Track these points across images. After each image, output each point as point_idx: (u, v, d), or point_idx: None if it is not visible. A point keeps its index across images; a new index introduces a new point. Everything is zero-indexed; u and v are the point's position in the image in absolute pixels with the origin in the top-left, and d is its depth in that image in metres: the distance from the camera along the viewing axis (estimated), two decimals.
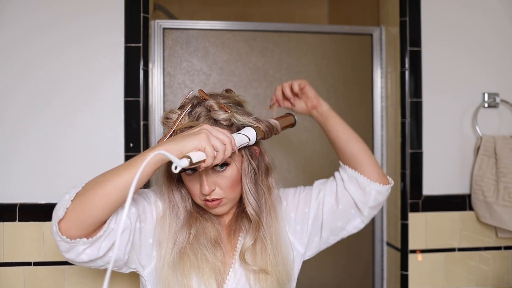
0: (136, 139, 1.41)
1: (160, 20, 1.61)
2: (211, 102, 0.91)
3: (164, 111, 1.59)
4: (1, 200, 1.37)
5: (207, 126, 0.81)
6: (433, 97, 1.55)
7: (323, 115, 1.09)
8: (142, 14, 1.43)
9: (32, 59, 1.39)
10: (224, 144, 0.80)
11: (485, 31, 1.58)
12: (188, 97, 0.97)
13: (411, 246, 1.53)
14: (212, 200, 0.93)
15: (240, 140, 0.88)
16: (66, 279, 1.38)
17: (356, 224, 1.08)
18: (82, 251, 0.82)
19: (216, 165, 0.89)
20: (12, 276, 1.36)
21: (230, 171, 0.92)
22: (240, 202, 1.01)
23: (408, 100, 1.53)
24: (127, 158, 1.41)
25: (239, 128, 0.94)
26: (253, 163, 0.96)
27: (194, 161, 0.75)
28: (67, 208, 0.78)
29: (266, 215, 0.98)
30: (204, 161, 0.78)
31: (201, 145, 0.77)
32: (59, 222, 0.78)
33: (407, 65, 1.53)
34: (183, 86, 1.62)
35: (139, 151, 1.41)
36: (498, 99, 1.57)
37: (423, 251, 1.54)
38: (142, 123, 1.42)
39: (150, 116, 1.51)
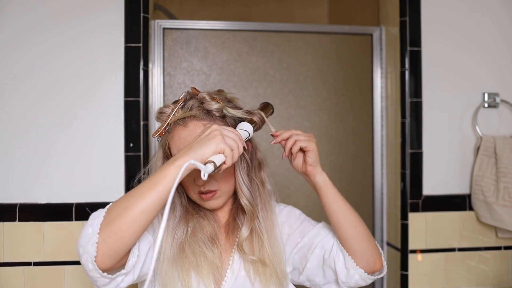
0: (136, 139, 1.41)
1: (160, 20, 1.61)
2: (203, 94, 0.94)
3: None
4: (1, 200, 1.37)
5: (216, 127, 0.81)
6: (433, 97, 1.55)
7: (316, 186, 0.98)
8: (142, 14, 1.43)
9: (32, 59, 1.39)
10: (237, 142, 0.81)
11: (485, 31, 1.58)
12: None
13: (411, 246, 1.53)
14: (207, 192, 0.94)
15: (243, 135, 0.89)
16: (66, 279, 1.38)
17: None
18: (121, 281, 0.83)
19: None
20: (12, 276, 1.36)
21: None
22: (235, 199, 1.02)
23: (408, 100, 1.53)
24: (127, 158, 1.41)
25: (232, 122, 0.95)
26: (245, 155, 0.97)
27: (217, 164, 0.76)
28: (96, 243, 0.76)
29: (261, 209, 0.98)
30: (225, 162, 0.79)
31: (220, 148, 0.77)
32: (94, 260, 0.76)
33: (407, 65, 1.53)
34: (183, 86, 1.62)
35: (139, 151, 1.41)
36: (498, 99, 1.57)
37: (423, 251, 1.54)
38: (142, 123, 1.42)
39: (150, 116, 1.51)
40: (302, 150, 0.97)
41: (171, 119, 0.92)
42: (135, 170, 1.41)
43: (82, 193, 1.40)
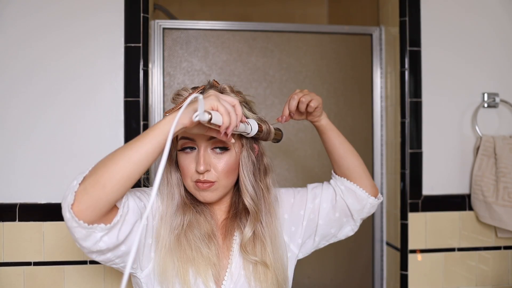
0: None
1: (160, 20, 1.61)
2: (224, 85, 0.95)
3: (164, 111, 1.60)
4: (1, 200, 1.37)
5: (214, 91, 0.81)
6: (432, 97, 1.55)
7: (320, 128, 1.09)
8: (142, 14, 1.43)
9: (32, 59, 1.40)
10: (233, 106, 0.81)
11: (485, 31, 1.58)
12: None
13: (410, 246, 1.53)
14: (204, 182, 0.92)
15: (243, 126, 0.89)
16: (66, 279, 1.38)
17: (346, 232, 1.11)
18: (100, 239, 0.79)
19: (216, 147, 0.92)
20: (12, 276, 1.36)
21: (229, 156, 0.93)
22: (234, 199, 1.01)
23: (407, 100, 1.53)
24: None
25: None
26: (252, 154, 0.97)
27: (213, 119, 0.76)
28: (75, 192, 0.75)
29: (265, 214, 0.98)
30: (220, 126, 0.79)
31: (213, 104, 0.77)
32: (71, 208, 0.75)
33: (406, 65, 1.53)
34: (183, 86, 1.62)
35: None
36: (497, 99, 1.57)
37: (422, 251, 1.54)
38: (142, 123, 1.42)
39: (150, 116, 1.51)
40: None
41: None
42: None
43: None
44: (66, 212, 0.76)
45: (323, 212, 1.06)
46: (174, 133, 0.75)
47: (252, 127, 0.93)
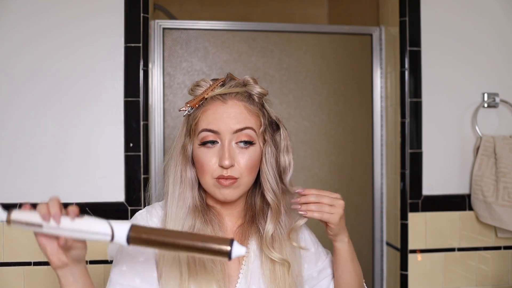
0: (136, 139, 1.42)
1: (160, 20, 1.61)
2: (247, 77, 0.90)
3: (164, 111, 1.60)
4: (1, 200, 1.37)
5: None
6: (432, 97, 1.55)
7: (335, 248, 0.96)
8: (142, 14, 1.43)
9: (31, 58, 1.39)
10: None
11: (485, 31, 1.58)
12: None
13: (410, 246, 1.53)
14: (228, 178, 0.84)
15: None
16: None
17: None
18: None
19: (241, 141, 0.86)
20: (12, 276, 1.36)
21: (253, 151, 0.87)
22: (251, 202, 0.94)
23: (408, 100, 1.53)
24: (127, 158, 1.41)
25: (267, 115, 0.91)
26: (275, 150, 0.91)
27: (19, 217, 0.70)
28: None
29: (284, 215, 0.92)
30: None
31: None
32: None
33: (406, 65, 1.53)
34: (183, 86, 1.62)
35: (139, 151, 1.41)
36: (497, 99, 1.57)
37: (422, 251, 1.54)
38: (142, 123, 1.42)
39: (150, 116, 1.51)
40: None
41: (208, 93, 0.87)
42: (135, 170, 1.41)
43: (82, 193, 1.40)
44: None
45: None
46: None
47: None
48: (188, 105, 0.88)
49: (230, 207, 0.93)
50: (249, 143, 0.86)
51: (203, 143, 0.86)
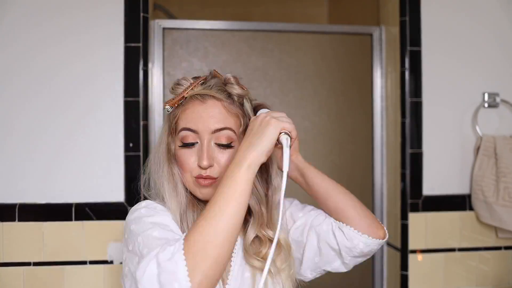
0: (135, 139, 1.41)
1: (160, 20, 1.61)
2: (229, 75, 0.89)
3: (164, 111, 1.59)
4: (1, 200, 1.37)
5: (264, 114, 0.80)
6: (433, 97, 1.55)
7: (297, 168, 0.99)
8: (142, 14, 1.43)
9: (31, 58, 1.39)
10: (289, 119, 0.80)
11: (485, 31, 1.58)
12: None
13: (411, 246, 1.53)
14: (206, 178, 0.85)
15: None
16: (66, 279, 1.38)
17: (336, 267, 0.99)
18: None
19: (220, 144, 0.85)
20: (12, 276, 1.36)
21: (233, 151, 0.86)
22: None
23: (408, 100, 1.53)
24: (127, 158, 1.41)
25: (248, 114, 0.90)
26: None
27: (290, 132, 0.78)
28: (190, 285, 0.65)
29: (270, 215, 0.90)
30: (291, 137, 0.78)
31: (281, 127, 0.77)
32: None
33: (407, 65, 1.53)
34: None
35: (139, 151, 1.41)
36: (498, 99, 1.56)
37: (423, 251, 1.54)
38: (141, 123, 1.42)
39: (149, 116, 1.50)
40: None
41: (188, 92, 0.87)
42: (135, 170, 1.40)
43: (82, 193, 1.39)
44: None
45: (309, 243, 0.96)
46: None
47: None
48: (167, 105, 0.88)
49: None
50: (228, 146, 0.86)
51: (184, 145, 0.86)
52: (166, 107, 0.89)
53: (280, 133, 0.78)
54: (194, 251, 0.67)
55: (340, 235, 0.93)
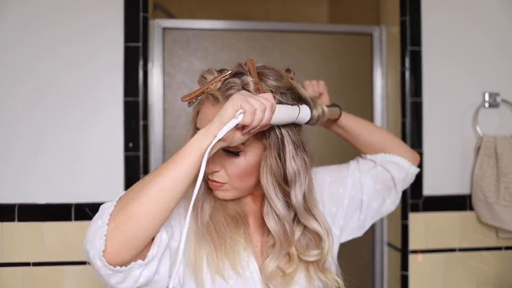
0: (135, 139, 1.41)
1: (160, 19, 1.60)
2: (250, 79, 0.82)
3: (164, 111, 1.59)
4: (1, 200, 1.37)
5: (244, 92, 0.73)
6: (433, 97, 1.55)
7: (343, 125, 1.08)
8: (141, 14, 1.42)
9: (30, 58, 1.39)
10: (262, 103, 0.69)
11: (485, 31, 1.58)
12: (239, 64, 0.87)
13: (411, 247, 1.52)
14: (213, 181, 0.83)
15: (284, 112, 0.79)
16: (66, 280, 1.38)
17: (388, 206, 1.03)
18: (140, 275, 0.70)
19: (228, 151, 0.79)
20: (11, 277, 1.36)
21: (242, 159, 0.80)
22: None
23: (408, 100, 1.53)
24: (127, 158, 1.41)
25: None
26: (278, 162, 0.81)
27: (236, 122, 0.67)
28: (105, 236, 0.64)
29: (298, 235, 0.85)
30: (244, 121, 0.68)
31: (236, 105, 0.67)
32: (103, 254, 0.64)
33: (407, 65, 1.53)
34: (183, 86, 1.62)
35: (139, 151, 1.41)
36: (499, 99, 1.56)
37: (423, 251, 1.53)
38: (141, 123, 1.42)
39: (149, 116, 1.50)
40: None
41: (202, 91, 0.80)
42: (135, 170, 1.40)
43: (81, 193, 1.39)
44: (96, 260, 0.65)
45: (365, 187, 0.98)
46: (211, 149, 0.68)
47: (296, 114, 0.86)
48: (185, 100, 0.82)
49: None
50: (235, 153, 0.80)
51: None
52: (183, 101, 0.83)
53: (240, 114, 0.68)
54: (119, 207, 0.67)
55: (395, 169, 1.02)
